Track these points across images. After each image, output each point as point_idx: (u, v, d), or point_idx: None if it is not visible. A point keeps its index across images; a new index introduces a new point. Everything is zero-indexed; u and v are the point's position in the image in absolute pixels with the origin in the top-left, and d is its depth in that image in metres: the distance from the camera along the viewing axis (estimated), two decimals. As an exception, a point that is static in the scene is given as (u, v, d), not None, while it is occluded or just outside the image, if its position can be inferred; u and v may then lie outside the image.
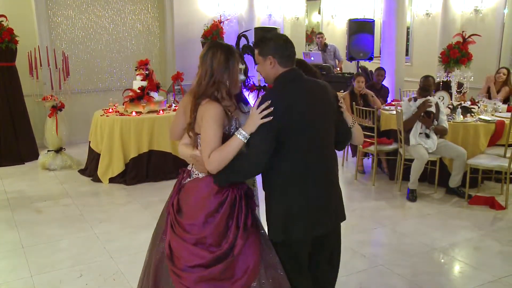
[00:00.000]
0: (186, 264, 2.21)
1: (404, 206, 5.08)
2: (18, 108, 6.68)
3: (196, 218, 2.25)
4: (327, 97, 2.38)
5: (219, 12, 8.54)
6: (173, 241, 2.28)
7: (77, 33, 7.69)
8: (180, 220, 2.30)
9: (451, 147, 5.22)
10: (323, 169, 2.35)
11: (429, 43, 8.89)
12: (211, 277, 2.18)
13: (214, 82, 2.24)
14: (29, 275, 3.55)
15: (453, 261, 3.87)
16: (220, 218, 2.22)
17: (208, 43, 2.37)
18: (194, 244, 2.22)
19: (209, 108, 2.20)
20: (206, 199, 2.25)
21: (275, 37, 2.36)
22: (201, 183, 2.30)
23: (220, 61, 2.25)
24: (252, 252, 2.24)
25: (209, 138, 2.18)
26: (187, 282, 2.19)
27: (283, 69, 2.32)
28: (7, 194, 5.37)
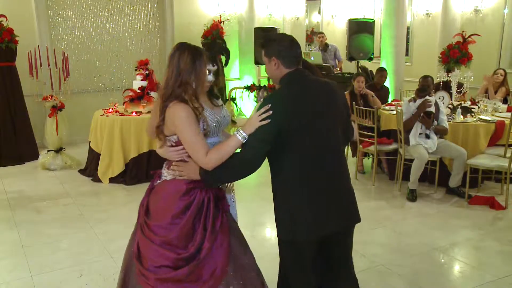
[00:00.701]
0: (153, 264, 2.23)
1: (404, 206, 5.08)
2: (18, 108, 6.68)
3: (163, 219, 2.26)
4: (333, 98, 2.36)
5: (219, 12, 8.55)
6: (141, 241, 2.31)
7: (77, 33, 7.69)
8: (148, 221, 2.31)
9: (451, 147, 5.22)
10: (328, 171, 2.31)
11: (429, 43, 8.89)
12: (177, 279, 2.19)
13: (181, 83, 2.24)
14: (29, 275, 3.55)
15: (453, 261, 3.87)
16: (186, 220, 2.23)
17: (176, 44, 2.37)
18: (160, 245, 2.23)
19: (178, 110, 2.20)
20: (173, 200, 2.26)
21: (279, 38, 2.36)
22: (169, 185, 2.31)
23: (187, 62, 2.25)
24: (220, 254, 2.24)
25: (193, 139, 2.19)
26: (152, 282, 2.20)
27: (287, 70, 2.30)
28: (7, 194, 5.37)
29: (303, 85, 2.30)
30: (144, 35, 8.26)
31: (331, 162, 2.32)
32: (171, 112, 2.22)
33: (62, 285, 3.43)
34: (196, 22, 8.39)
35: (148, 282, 2.22)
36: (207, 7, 8.57)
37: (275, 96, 2.30)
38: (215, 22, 8.17)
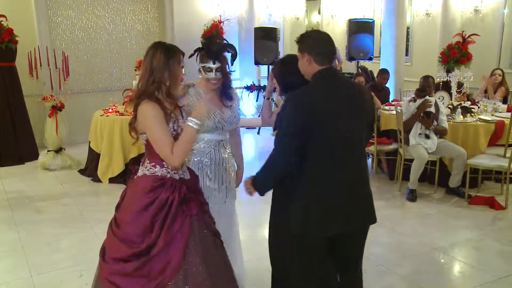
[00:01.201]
0: (110, 256, 2.30)
1: (404, 206, 5.08)
2: (18, 108, 6.68)
3: (128, 214, 2.32)
4: (360, 101, 2.37)
5: (219, 12, 8.55)
6: (108, 234, 2.38)
7: (77, 33, 7.69)
8: (117, 215, 2.39)
9: (451, 147, 5.22)
10: (346, 170, 2.32)
11: (429, 43, 8.89)
12: (125, 273, 2.23)
13: (154, 81, 2.29)
14: (29, 275, 3.55)
15: (453, 261, 3.87)
16: (145, 217, 2.27)
17: (152, 43, 2.41)
18: (120, 240, 2.29)
19: (146, 108, 2.26)
20: (138, 197, 2.32)
21: (314, 35, 2.41)
22: (138, 181, 2.38)
23: (160, 60, 2.30)
24: (173, 255, 2.25)
25: (160, 137, 2.25)
26: (105, 273, 2.27)
27: (319, 67, 2.32)
28: (7, 194, 5.37)
29: (332, 84, 2.32)
30: (144, 35, 8.26)
31: (350, 163, 2.33)
32: (141, 110, 2.28)
33: (62, 285, 3.43)
34: (196, 22, 8.39)
35: (102, 273, 2.29)
36: (207, 7, 8.57)
37: (302, 91, 2.33)
38: (215, 22, 8.17)
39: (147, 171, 2.36)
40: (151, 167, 2.36)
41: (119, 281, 2.23)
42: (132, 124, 2.35)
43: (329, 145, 2.27)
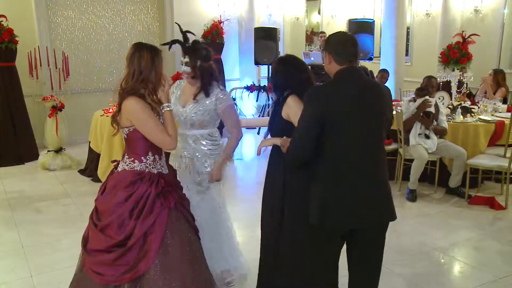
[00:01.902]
0: (92, 247, 2.44)
1: (404, 206, 5.08)
2: (18, 108, 6.68)
3: (107, 207, 2.45)
4: (378, 100, 2.44)
5: (219, 12, 8.55)
6: (89, 226, 2.51)
7: (77, 33, 7.69)
8: (98, 207, 2.51)
9: (451, 147, 5.22)
10: (363, 166, 2.39)
11: (429, 43, 8.89)
12: (107, 263, 2.38)
13: (143, 80, 2.45)
14: (29, 275, 3.55)
15: (453, 261, 3.87)
16: (123, 209, 2.41)
17: (133, 44, 2.54)
18: (100, 230, 2.43)
19: (132, 103, 2.42)
20: (118, 190, 2.45)
21: (338, 36, 2.51)
22: (118, 176, 2.52)
23: (148, 61, 2.45)
24: (152, 244, 2.39)
25: (155, 125, 2.43)
26: (88, 264, 2.42)
27: (339, 67, 2.42)
28: (7, 194, 5.37)
29: (350, 83, 2.41)
30: (144, 35, 8.26)
31: (366, 161, 2.39)
32: (126, 105, 2.43)
33: (62, 285, 3.42)
34: (196, 22, 8.37)
35: (86, 263, 2.44)
36: (207, 7, 8.57)
37: (321, 87, 2.50)
38: (215, 22, 8.17)
39: (126, 166, 2.50)
40: (130, 162, 2.50)
41: (102, 270, 2.38)
42: (115, 117, 2.51)
43: (346, 142, 2.36)
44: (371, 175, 2.41)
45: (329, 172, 2.39)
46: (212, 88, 3.05)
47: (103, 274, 2.37)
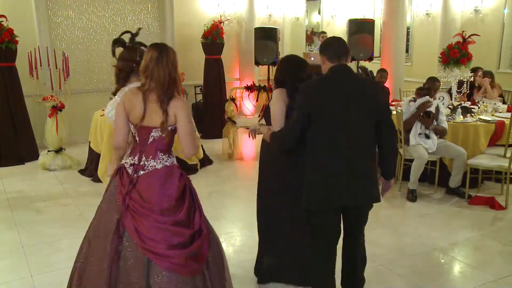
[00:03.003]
0: (168, 243, 2.45)
1: (404, 206, 5.08)
2: (18, 108, 6.67)
3: (168, 202, 2.52)
4: (362, 94, 2.77)
5: (219, 12, 8.54)
6: (143, 227, 2.46)
7: (77, 33, 7.69)
8: (151, 207, 2.50)
9: (451, 147, 5.22)
10: (346, 155, 2.70)
11: (429, 43, 8.89)
12: (193, 253, 2.49)
13: (174, 80, 2.56)
14: (29, 275, 3.55)
15: (453, 261, 3.87)
16: (187, 200, 2.58)
17: (153, 46, 2.61)
18: (172, 225, 2.49)
19: (182, 102, 2.58)
20: (172, 184, 2.56)
21: (328, 40, 2.96)
22: (164, 171, 2.59)
23: (175, 62, 2.58)
24: (203, 226, 2.61)
25: (192, 126, 2.62)
26: (177, 260, 2.44)
27: (330, 64, 2.79)
28: (7, 194, 5.37)
29: (336, 78, 2.77)
30: (144, 36, 8.22)
31: (350, 148, 2.71)
32: (175, 106, 2.53)
33: (62, 285, 3.41)
34: (196, 22, 8.39)
35: (170, 260, 2.43)
36: (207, 7, 8.57)
37: (311, 82, 2.97)
38: (215, 22, 8.16)
39: (166, 162, 2.61)
40: (167, 158, 2.62)
41: (189, 263, 2.47)
42: (165, 124, 2.53)
43: (331, 130, 2.70)
44: (355, 162, 2.72)
45: (315, 159, 2.75)
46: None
47: (190, 266, 2.46)
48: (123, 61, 3.21)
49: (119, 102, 2.68)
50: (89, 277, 2.54)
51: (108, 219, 2.56)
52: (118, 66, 3.21)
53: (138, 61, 3.07)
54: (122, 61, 3.21)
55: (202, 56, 8.15)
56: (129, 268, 2.46)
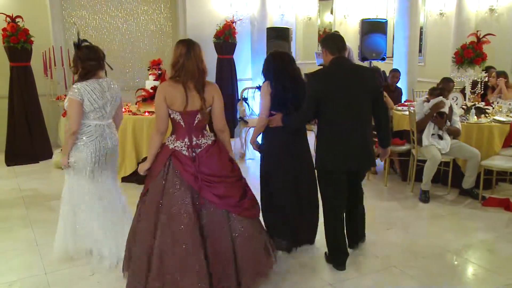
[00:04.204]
0: (238, 196, 3.10)
1: (416, 207, 5.04)
2: (33, 107, 6.74)
3: (229, 167, 3.15)
4: (361, 79, 3.47)
5: (232, 12, 8.55)
6: (219, 191, 3.02)
7: (90, 33, 7.75)
8: (217, 174, 3.05)
9: (464, 148, 5.17)
10: (354, 125, 3.42)
11: (442, 43, 8.81)
12: (252, 198, 3.22)
13: (203, 71, 3.06)
14: (43, 273, 3.59)
15: (466, 263, 3.84)
16: (233, 161, 3.25)
17: (181, 43, 3.10)
18: (236, 181, 3.14)
19: (216, 86, 3.17)
20: (223, 153, 3.18)
21: (329, 36, 3.78)
22: (217, 146, 3.17)
23: (200, 55, 3.07)
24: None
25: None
26: (247, 204, 3.12)
27: (331, 56, 3.45)
28: (21, 192, 5.44)
29: (338, 67, 3.45)
30: (156, 35, 8.30)
31: (352, 123, 3.42)
32: (214, 87, 3.14)
33: (75, 283, 3.46)
34: (208, 22, 8.40)
35: (244, 206, 3.09)
36: (219, 7, 8.59)
37: (317, 72, 3.64)
38: (227, 22, 8.17)
39: (211, 137, 3.19)
40: (209, 134, 3.20)
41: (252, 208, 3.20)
42: (204, 108, 3.06)
43: (338, 109, 3.40)
44: (355, 133, 3.43)
45: (326, 133, 3.49)
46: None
47: (253, 209, 3.18)
48: (90, 61, 3.53)
49: (157, 94, 3.08)
50: (176, 254, 2.92)
51: (180, 201, 2.98)
52: (86, 67, 3.51)
53: (103, 57, 3.61)
54: (90, 61, 3.53)
55: (214, 56, 8.17)
56: (212, 228, 3.00)
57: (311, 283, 3.47)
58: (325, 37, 3.56)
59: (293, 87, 3.67)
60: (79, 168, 3.58)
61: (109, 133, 3.68)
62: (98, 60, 3.56)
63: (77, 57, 3.56)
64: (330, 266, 3.67)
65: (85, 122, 3.56)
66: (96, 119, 3.58)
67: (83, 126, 3.55)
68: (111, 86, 3.65)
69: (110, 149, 3.68)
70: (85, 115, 3.53)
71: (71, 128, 3.48)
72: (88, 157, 3.55)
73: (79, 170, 3.59)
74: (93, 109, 3.52)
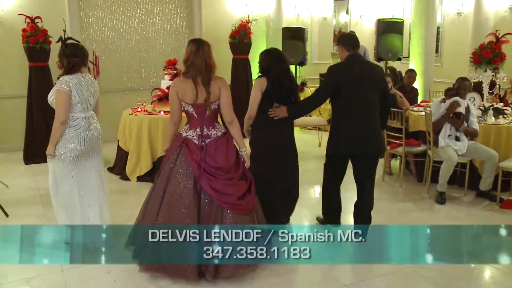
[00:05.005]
0: (237, 195, 3.29)
1: (432, 208, 5.00)
2: (51, 106, 6.81)
3: (233, 159, 3.39)
4: (372, 74, 3.93)
5: (247, 12, 8.56)
6: (218, 185, 3.26)
7: (107, 33, 7.83)
8: (220, 167, 3.30)
9: (482, 149, 5.10)
10: (364, 114, 3.85)
11: (460, 43, 8.71)
12: (252, 198, 3.39)
13: (210, 67, 3.38)
14: (61, 270, 3.64)
15: (483, 266, 3.78)
16: (239, 158, 3.46)
17: (192, 42, 3.44)
18: (238, 180, 3.34)
19: (223, 80, 3.49)
20: (231, 148, 3.43)
21: (345, 35, 4.57)
22: (224, 138, 3.44)
23: (209, 52, 3.39)
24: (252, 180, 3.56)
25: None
26: (244, 205, 3.31)
27: (347, 53, 3.93)
28: (39, 191, 5.51)
29: (354, 63, 3.93)
30: (172, 35, 8.35)
31: (364, 113, 3.87)
32: (222, 81, 3.46)
33: (91, 281, 3.51)
34: (224, 22, 8.43)
35: (240, 207, 3.28)
36: (235, 7, 8.61)
37: (338, 64, 4.06)
38: (242, 22, 8.19)
39: (222, 129, 3.48)
40: (220, 126, 3.50)
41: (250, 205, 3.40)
42: (208, 101, 3.35)
43: (352, 100, 3.84)
44: (367, 121, 3.86)
45: (341, 120, 3.91)
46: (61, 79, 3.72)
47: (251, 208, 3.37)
48: (75, 57, 3.73)
49: (171, 89, 3.46)
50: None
51: (182, 184, 3.28)
52: (72, 62, 3.71)
53: (87, 55, 3.86)
54: (74, 57, 3.73)
55: (229, 56, 8.19)
56: (207, 215, 3.27)
57: (326, 284, 3.47)
58: (342, 36, 4.13)
59: (288, 82, 4.02)
60: (68, 159, 3.82)
61: (94, 123, 3.90)
62: (82, 57, 3.79)
63: (63, 53, 3.78)
64: (345, 268, 3.66)
65: (73, 115, 3.77)
66: (82, 111, 3.78)
67: (71, 120, 3.76)
68: (93, 80, 3.90)
69: (96, 138, 3.89)
70: (72, 107, 3.74)
71: (60, 117, 3.69)
72: (78, 148, 3.78)
73: (67, 160, 3.83)
74: (79, 101, 3.73)
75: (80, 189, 3.87)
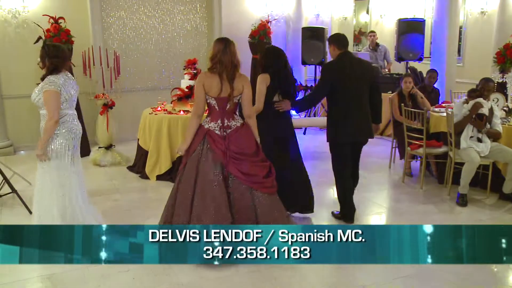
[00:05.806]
0: (262, 175, 3.69)
1: (453, 211, 4.92)
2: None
3: (255, 147, 3.76)
4: (363, 70, 4.35)
5: (267, 12, 8.56)
6: (244, 168, 3.63)
7: (128, 33, 7.91)
8: (244, 152, 3.67)
9: (505, 151, 5.00)
10: (358, 106, 4.32)
11: (483, 43, 8.56)
12: (274, 178, 3.75)
13: (235, 64, 3.71)
14: (81, 267, 3.68)
15: (507, 270, 3.71)
16: (259, 144, 3.82)
17: (219, 41, 3.79)
18: (260, 161, 3.73)
19: (246, 77, 3.84)
20: (250, 135, 3.80)
21: (335, 35, 4.50)
22: (245, 128, 3.79)
23: (234, 51, 3.74)
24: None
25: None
26: (269, 183, 3.70)
27: (338, 51, 4.32)
28: (61, 188, 5.58)
29: (346, 60, 4.31)
30: (192, 35, 8.39)
31: (357, 105, 4.32)
32: (246, 77, 3.82)
33: (111, 278, 3.55)
34: (243, 22, 8.44)
35: (265, 184, 3.67)
36: (254, 7, 8.61)
37: (330, 63, 4.48)
38: (262, 22, 8.19)
39: (240, 121, 3.81)
40: (239, 118, 3.81)
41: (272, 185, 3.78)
42: (231, 96, 3.67)
43: (347, 94, 4.26)
44: (360, 112, 4.32)
45: (337, 112, 4.32)
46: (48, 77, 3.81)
47: (274, 187, 3.75)
48: (57, 58, 3.86)
49: (197, 82, 3.72)
50: (208, 215, 3.53)
51: (212, 172, 3.59)
52: (54, 62, 3.84)
53: (69, 56, 3.93)
54: (57, 58, 3.86)
55: (249, 56, 8.20)
56: (239, 197, 3.63)
57: (346, 285, 3.45)
58: (332, 36, 4.45)
59: (285, 76, 4.35)
60: (61, 154, 3.92)
61: (76, 119, 4.07)
62: (63, 58, 3.94)
63: (45, 53, 3.89)
64: (364, 269, 3.63)
65: (61, 112, 3.89)
66: (68, 108, 3.94)
67: (60, 116, 3.88)
68: (73, 79, 4.07)
69: (79, 134, 4.06)
70: (60, 105, 3.86)
71: (53, 117, 3.79)
72: (70, 143, 3.92)
73: (60, 156, 3.92)
74: (67, 98, 3.89)
75: (80, 185, 4.08)
